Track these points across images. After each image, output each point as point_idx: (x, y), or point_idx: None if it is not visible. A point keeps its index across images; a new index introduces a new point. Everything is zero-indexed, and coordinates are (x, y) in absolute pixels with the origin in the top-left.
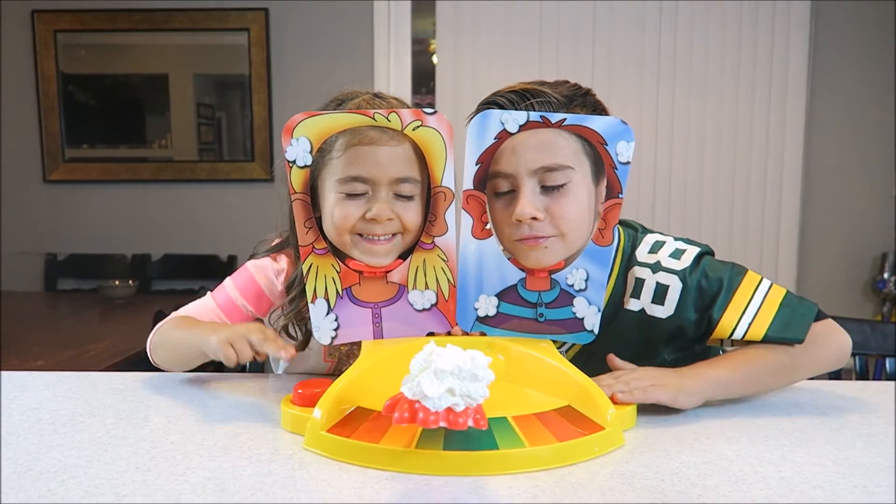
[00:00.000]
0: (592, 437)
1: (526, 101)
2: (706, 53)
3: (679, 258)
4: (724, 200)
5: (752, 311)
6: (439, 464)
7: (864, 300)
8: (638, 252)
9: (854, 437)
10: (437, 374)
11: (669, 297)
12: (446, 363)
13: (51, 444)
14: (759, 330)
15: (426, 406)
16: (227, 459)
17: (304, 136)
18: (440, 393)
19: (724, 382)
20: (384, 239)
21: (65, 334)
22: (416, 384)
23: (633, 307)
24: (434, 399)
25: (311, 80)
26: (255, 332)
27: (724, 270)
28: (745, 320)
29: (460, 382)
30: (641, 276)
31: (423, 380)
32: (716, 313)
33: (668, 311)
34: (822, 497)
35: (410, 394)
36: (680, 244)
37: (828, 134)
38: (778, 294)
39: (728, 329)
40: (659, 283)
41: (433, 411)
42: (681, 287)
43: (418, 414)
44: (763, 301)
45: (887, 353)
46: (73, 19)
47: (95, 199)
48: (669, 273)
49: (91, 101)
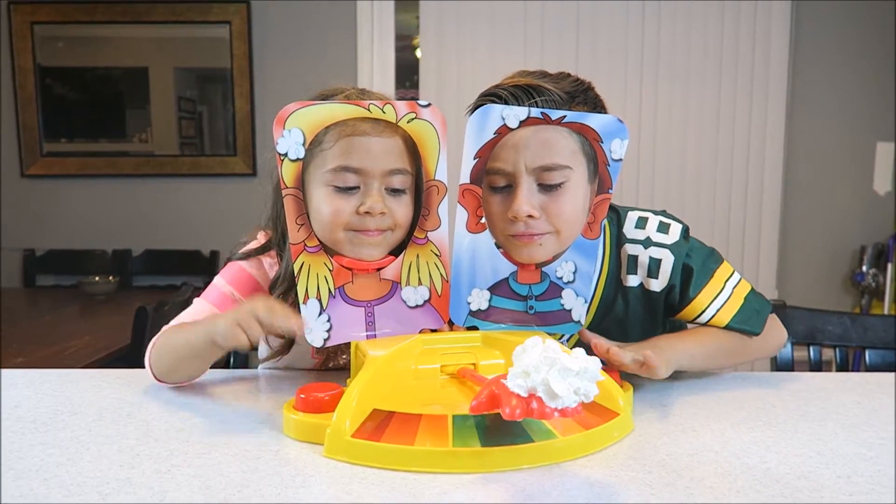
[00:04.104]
0: (612, 423)
1: (529, 97)
2: (689, 45)
3: (667, 232)
4: (706, 195)
5: (722, 300)
6: (481, 461)
7: (844, 293)
8: (625, 229)
9: (836, 428)
10: (561, 372)
11: (663, 270)
12: (574, 364)
13: (32, 443)
14: (724, 318)
15: (545, 402)
16: (213, 456)
17: (296, 128)
18: (569, 393)
19: (690, 356)
20: (376, 232)
21: (45, 331)
22: (544, 382)
23: (633, 283)
24: (563, 398)
25: (294, 74)
26: (261, 308)
27: (705, 254)
28: (715, 306)
29: (585, 384)
30: (634, 253)
31: (552, 378)
32: (691, 292)
33: (662, 283)
34: (805, 487)
35: (524, 390)
36: (662, 218)
37: (808, 129)
38: (744, 288)
39: (697, 311)
40: (652, 257)
41: (551, 407)
42: (672, 260)
43: (531, 403)
44: (732, 292)
45: (866, 345)
46: (50, 11)
47: (74, 193)
48: (661, 247)
49: (69, 95)
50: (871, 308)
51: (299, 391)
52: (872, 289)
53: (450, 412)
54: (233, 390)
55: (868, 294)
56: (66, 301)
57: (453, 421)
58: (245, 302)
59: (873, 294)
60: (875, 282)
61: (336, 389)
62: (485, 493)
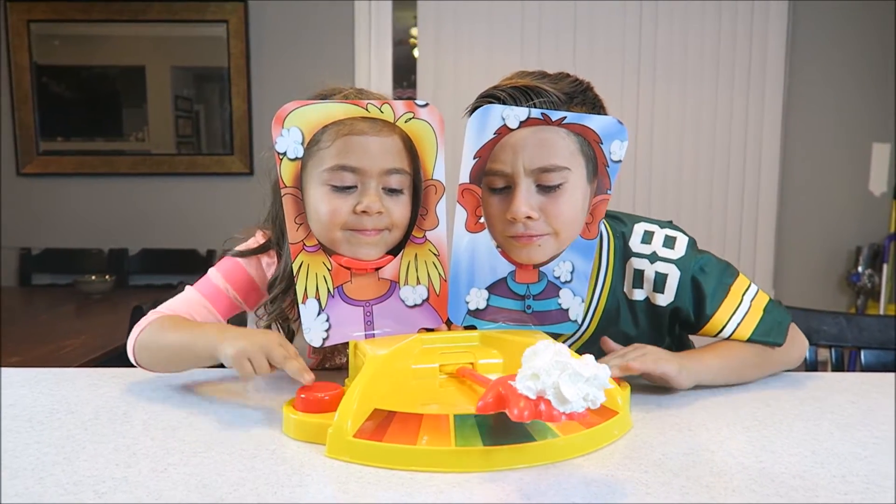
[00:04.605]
0: (611, 421)
1: (529, 99)
2: (686, 46)
3: (673, 247)
4: (703, 195)
5: (742, 314)
6: (483, 459)
7: (840, 293)
8: (631, 243)
9: (831, 428)
10: (572, 377)
11: (669, 285)
12: (585, 370)
13: (28, 442)
14: (746, 331)
15: (554, 405)
16: (210, 455)
17: (295, 127)
18: (578, 398)
19: (715, 369)
20: (373, 232)
21: (41, 330)
22: (554, 385)
23: (639, 297)
24: (573, 403)
25: (292, 73)
26: (275, 348)
27: (720, 269)
28: (735, 321)
29: (594, 390)
30: (640, 268)
31: (563, 382)
32: (709, 309)
33: (669, 298)
34: (800, 486)
35: (533, 392)
36: (668, 231)
37: (805, 129)
38: (762, 300)
39: (718, 326)
40: (658, 272)
41: (559, 410)
42: (679, 275)
43: (539, 406)
44: (750, 305)
45: (862, 346)
46: (47, 9)
47: (71, 192)
48: (667, 262)
49: (66, 93)
50: (866, 308)
51: (300, 391)
52: (868, 289)
53: (449, 411)
54: (230, 389)
55: (864, 294)
56: (62, 300)
57: (455, 420)
58: (257, 334)
59: (869, 294)
60: (871, 282)
61: (336, 389)
62: (482, 493)
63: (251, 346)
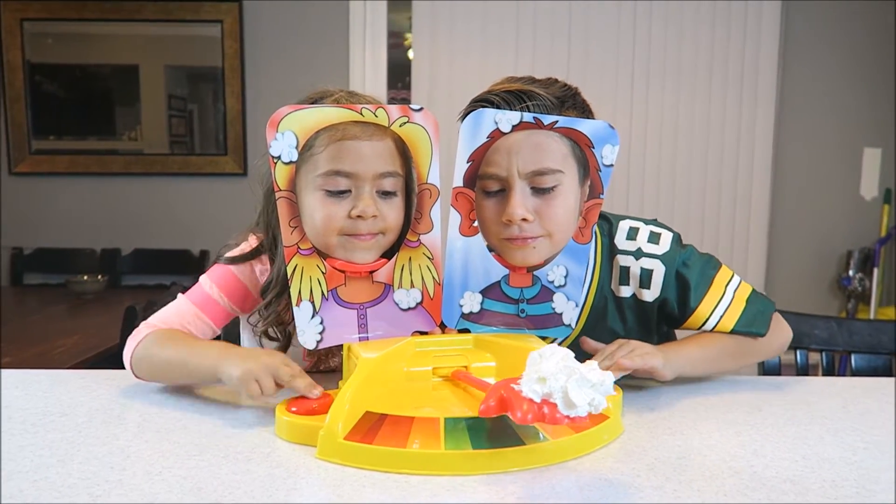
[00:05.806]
0: (601, 426)
1: (521, 102)
2: (679, 48)
3: (657, 242)
4: (695, 198)
5: (724, 305)
6: (472, 463)
7: (831, 297)
8: (617, 240)
9: (822, 432)
10: (579, 382)
11: (654, 280)
12: (593, 376)
13: (21, 444)
14: (729, 323)
15: (560, 409)
16: (204, 458)
17: (289, 131)
18: (584, 403)
19: (695, 360)
20: (368, 236)
21: (32, 330)
22: (563, 390)
23: (626, 294)
24: (578, 408)
25: (286, 73)
26: (281, 367)
27: (703, 261)
28: (718, 313)
29: (599, 396)
30: (626, 265)
31: (570, 387)
32: (693, 302)
33: (655, 293)
34: (791, 490)
35: (538, 396)
36: (653, 227)
37: (797, 133)
38: (745, 291)
39: (702, 319)
40: (643, 268)
41: (563, 413)
42: (664, 270)
43: (543, 409)
44: (734, 296)
45: (852, 350)
46: (40, 8)
47: (63, 191)
48: (652, 258)
49: (59, 92)
50: (857, 312)
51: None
52: (859, 293)
53: (441, 414)
54: (224, 392)
55: (854, 298)
56: (54, 300)
57: (445, 423)
58: (262, 355)
59: (860, 298)
60: (861, 286)
61: (326, 398)
62: (474, 495)
63: (257, 367)
